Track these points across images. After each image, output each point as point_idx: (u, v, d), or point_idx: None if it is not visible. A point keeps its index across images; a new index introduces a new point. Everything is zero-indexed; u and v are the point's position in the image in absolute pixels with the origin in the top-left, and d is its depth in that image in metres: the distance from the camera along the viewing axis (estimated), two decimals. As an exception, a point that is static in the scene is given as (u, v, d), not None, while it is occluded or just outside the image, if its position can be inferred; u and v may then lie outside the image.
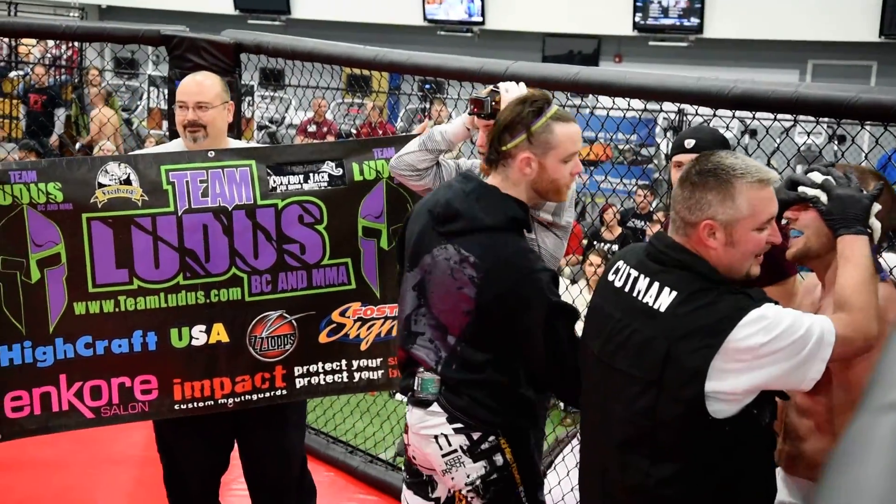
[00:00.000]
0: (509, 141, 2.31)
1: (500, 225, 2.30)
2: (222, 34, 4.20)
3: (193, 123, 3.03)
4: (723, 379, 1.92)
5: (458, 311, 2.31)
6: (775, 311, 1.94)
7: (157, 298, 2.94)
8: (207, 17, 14.15)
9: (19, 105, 11.72)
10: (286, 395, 3.11)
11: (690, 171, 2.03)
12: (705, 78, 2.89)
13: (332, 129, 11.46)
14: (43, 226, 2.88)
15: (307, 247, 3.04)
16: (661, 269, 2.02)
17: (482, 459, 2.33)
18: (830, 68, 13.14)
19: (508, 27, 14.35)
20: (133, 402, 3.00)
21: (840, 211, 2.11)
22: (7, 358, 2.91)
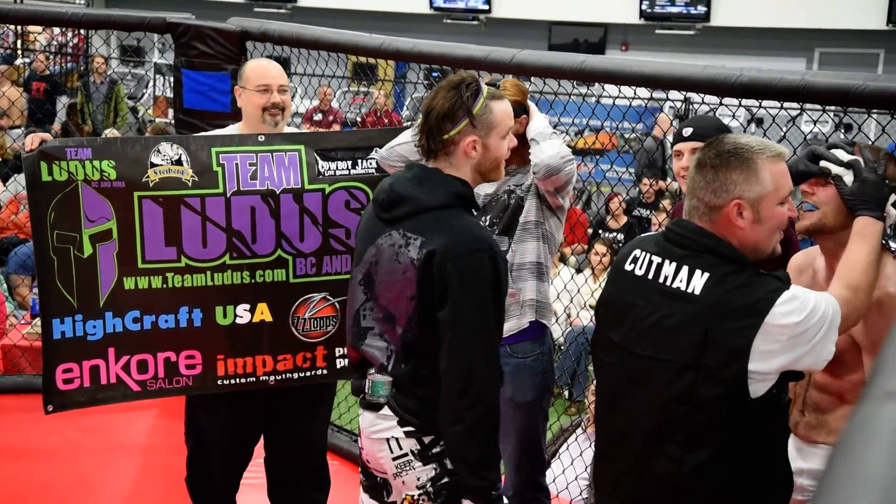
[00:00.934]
0: (451, 128, 2.26)
1: (445, 203, 2.27)
2: (228, 22, 4.20)
3: (277, 105, 3.07)
4: (763, 359, 1.93)
5: (403, 298, 2.26)
6: (803, 292, 1.98)
7: (203, 276, 2.98)
8: (213, 5, 14.13)
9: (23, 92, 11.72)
10: (326, 374, 3.14)
11: (707, 155, 2.04)
12: (712, 66, 2.88)
13: (338, 118, 11.46)
14: (96, 202, 2.93)
15: (352, 231, 3.05)
16: (688, 254, 2.02)
17: (433, 462, 2.28)
18: (837, 56, 13.09)
19: (514, 15, 14.32)
20: (178, 376, 3.05)
21: (863, 194, 2.17)
22: (59, 331, 2.96)
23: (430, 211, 2.26)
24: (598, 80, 3.27)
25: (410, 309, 2.26)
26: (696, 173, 2.05)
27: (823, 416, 2.33)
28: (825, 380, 2.32)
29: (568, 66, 3.18)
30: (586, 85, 3.64)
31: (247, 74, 3.11)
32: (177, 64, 4.16)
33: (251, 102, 3.09)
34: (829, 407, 2.32)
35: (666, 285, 2.03)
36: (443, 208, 2.26)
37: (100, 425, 4.24)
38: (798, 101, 2.73)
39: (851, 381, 2.27)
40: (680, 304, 1.99)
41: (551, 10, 14.08)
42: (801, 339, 1.94)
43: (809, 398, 2.37)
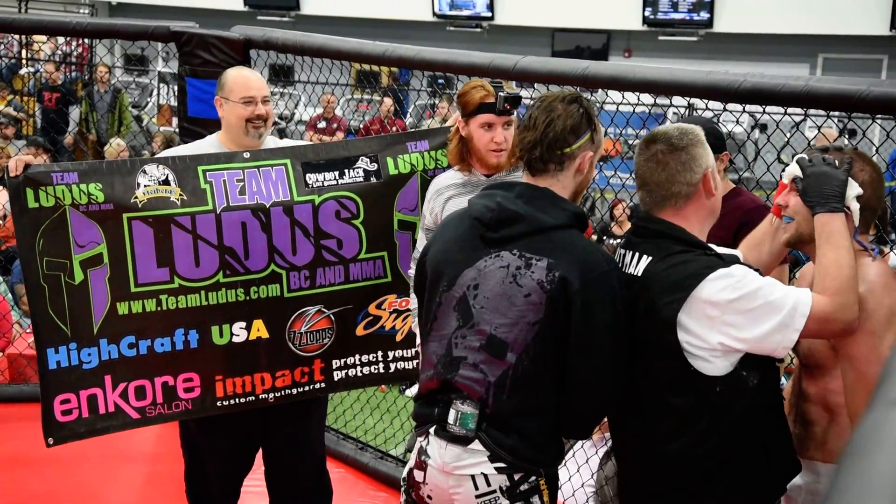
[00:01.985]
0: (575, 142, 2.18)
1: (565, 223, 2.16)
2: (232, 30, 4.21)
3: (260, 117, 3.05)
4: (695, 332, 2.04)
5: (523, 323, 2.11)
6: (743, 272, 2.05)
7: (197, 296, 2.95)
8: (217, 14, 14.18)
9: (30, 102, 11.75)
10: (325, 387, 3.14)
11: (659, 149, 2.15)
12: (715, 72, 2.88)
13: (342, 126, 11.47)
14: (85, 226, 2.90)
15: (344, 241, 3.06)
16: (641, 241, 2.18)
17: (520, 500, 2.14)
18: (841, 62, 13.10)
19: (517, 22, 14.35)
20: (177, 400, 3.02)
21: (815, 188, 2.15)
22: (54, 360, 2.93)
23: (546, 231, 2.14)
24: (602, 87, 3.27)
25: (531, 335, 2.11)
26: (660, 168, 2.15)
27: (812, 429, 2.30)
28: (810, 388, 2.30)
29: (571, 72, 3.18)
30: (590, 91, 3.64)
31: (229, 85, 3.07)
32: (181, 72, 4.17)
33: (235, 114, 3.05)
34: (817, 419, 2.29)
35: (625, 272, 2.18)
36: (560, 228, 2.15)
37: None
38: (802, 106, 2.73)
39: (831, 387, 2.23)
40: (631, 286, 2.14)
41: (554, 16, 14.11)
42: (743, 319, 2.01)
43: (800, 408, 2.34)
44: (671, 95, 3.10)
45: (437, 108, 10.48)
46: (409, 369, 3.28)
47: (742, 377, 2.08)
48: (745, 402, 2.09)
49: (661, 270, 2.10)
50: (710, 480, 2.12)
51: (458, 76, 3.78)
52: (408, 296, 3.17)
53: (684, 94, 3.09)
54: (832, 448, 2.25)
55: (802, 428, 2.32)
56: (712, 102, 2.99)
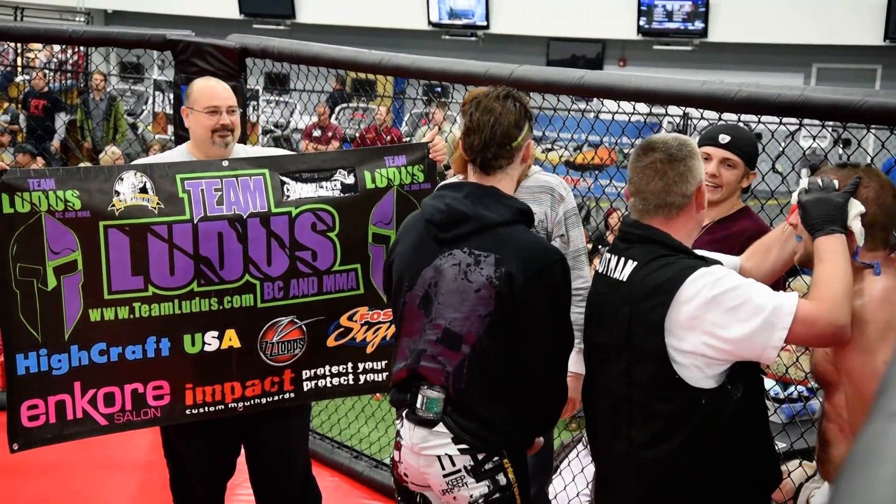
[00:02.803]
0: (518, 135, 2.32)
1: (510, 219, 2.28)
2: (228, 38, 4.21)
3: (226, 127, 3.06)
4: (679, 335, 2.06)
5: (475, 316, 2.25)
6: (724, 272, 2.08)
7: (171, 305, 2.95)
8: (213, 22, 14.18)
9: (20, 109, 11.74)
10: (294, 398, 3.13)
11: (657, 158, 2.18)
12: (710, 81, 2.88)
13: (338, 134, 11.48)
14: (60, 233, 2.87)
15: (319, 253, 3.06)
16: (627, 246, 2.21)
17: (485, 479, 2.29)
18: (835, 72, 13.14)
19: (513, 31, 14.37)
20: (146, 408, 3.01)
21: (814, 215, 2.15)
22: (23, 366, 2.91)
23: (493, 228, 2.27)
24: (598, 96, 3.28)
25: (483, 327, 2.24)
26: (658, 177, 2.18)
27: (830, 450, 2.27)
28: (826, 406, 2.28)
29: (567, 81, 3.18)
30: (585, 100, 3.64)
31: (194, 95, 3.07)
32: (177, 80, 4.17)
33: (199, 124, 3.05)
34: (833, 440, 2.26)
35: (609, 277, 2.22)
36: (506, 224, 2.28)
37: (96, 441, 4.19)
38: (797, 116, 2.73)
39: (840, 405, 2.21)
40: (615, 291, 2.18)
41: (549, 25, 14.14)
42: (725, 318, 2.02)
43: (823, 430, 2.31)
44: (667, 105, 3.11)
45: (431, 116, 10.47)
46: (379, 381, 3.27)
47: (727, 390, 2.09)
48: (730, 414, 2.10)
49: (644, 275, 2.13)
50: (692, 489, 2.13)
51: (454, 85, 3.79)
52: (380, 308, 3.19)
53: (680, 103, 3.09)
54: None
55: (822, 450, 2.30)
56: (707, 112, 3.00)
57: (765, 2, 12.86)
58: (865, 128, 2.73)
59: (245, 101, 4.26)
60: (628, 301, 2.13)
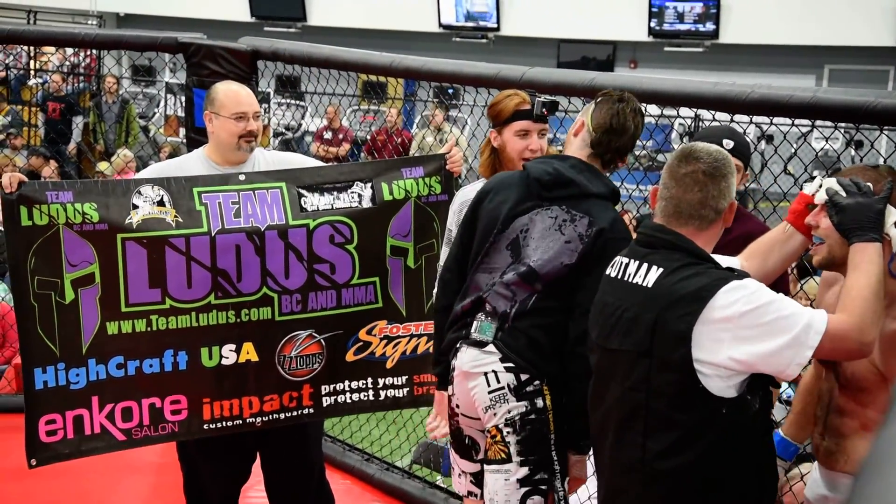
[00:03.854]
0: None
1: (605, 194, 2.56)
2: (239, 41, 4.22)
3: (252, 133, 3.04)
4: (706, 347, 2.03)
5: (558, 263, 2.50)
6: (757, 286, 2.05)
7: (188, 318, 2.93)
8: (224, 25, 14.23)
9: (38, 113, 11.81)
10: (313, 413, 3.11)
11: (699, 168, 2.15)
12: (722, 83, 2.88)
13: (348, 136, 11.49)
14: (78, 245, 2.87)
15: (337, 266, 3.04)
16: (649, 252, 2.17)
17: (525, 399, 2.48)
18: (847, 73, 13.09)
19: (523, 33, 14.37)
20: (163, 422, 3.00)
21: (851, 220, 2.11)
22: (41, 380, 2.90)
23: (589, 197, 2.53)
24: (609, 98, 3.26)
25: (561, 273, 2.50)
26: (697, 187, 2.15)
27: (843, 442, 2.26)
28: (849, 405, 2.26)
29: (578, 83, 3.18)
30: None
31: (220, 100, 3.04)
32: (189, 83, 4.18)
33: (226, 130, 3.02)
34: (850, 433, 2.25)
35: (628, 282, 2.17)
36: (600, 198, 2.55)
37: (111, 444, 4.23)
38: (810, 117, 2.72)
39: (874, 407, 2.20)
40: (637, 297, 2.13)
41: (560, 27, 14.12)
42: (755, 332, 2.00)
43: (830, 422, 2.30)
44: (678, 106, 3.10)
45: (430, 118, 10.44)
46: (399, 397, 3.25)
47: (747, 401, 2.07)
48: (748, 426, 2.09)
49: (673, 283, 2.08)
50: (705, 500, 2.10)
51: (465, 87, 3.79)
52: (398, 322, 3.18)
53: (692, 104, 3.09)
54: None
55: (833, 441, 2.28)
56: (719, 113, 2.99)
57: (776, 3, 12.82)
58: (878, 129, 2.72)
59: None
60: (652, 308, 2.09)
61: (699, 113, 4.60)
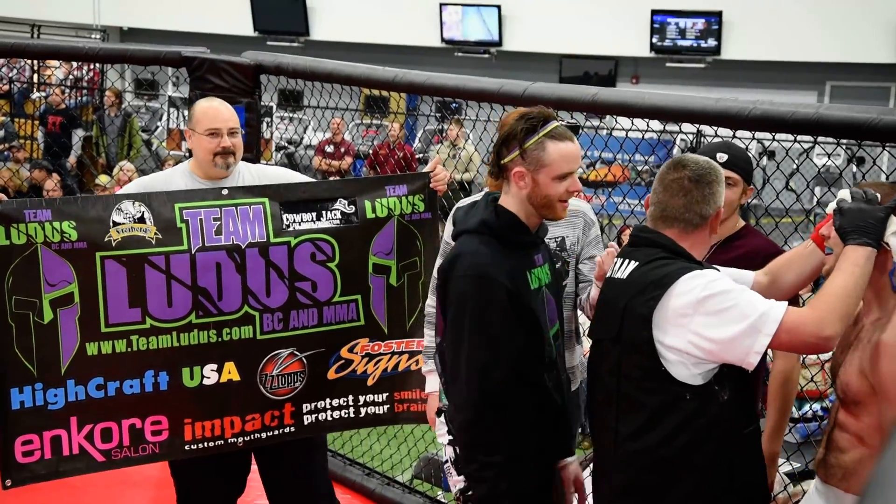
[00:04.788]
0: (506, 155, 2.36)
1: (472, 228, 2.37)
2: (242, 56, 4.23)
3: (227, 150, 3.03)
4: (667, 331, 2.12)
5: (438, 311, 2.44)
6: (717, 276, 2.16)
7: (169, 338, 2.92)
8: (227, 39, 14.27)
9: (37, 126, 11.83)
10: (294, 431, 3.10)
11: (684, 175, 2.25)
12: (725, 99, 2.88)
13: (350, 150, 11.50)
14: (57, 265, 2.84)
15: (319, 284, 3.03)
16: (634, 249, 2.30)
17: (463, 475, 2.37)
18: (848, 90, 13.10)
19: (525, 48, 14.40)
20: (144, 443, 2.98)
21: (849, 223, 2.16)
22: (18, 401, 2.86)
23: (463, 234, 2.39)
24: (611, 113, 3.27)
25: (441, 322, 2.40)
26: (682, 193, 2.25)
27: (841, 456, 2.27)
28: (847, 419, 2.28)
29: (581, 98, 3.18)
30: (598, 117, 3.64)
31: (196, 116, 3.05)
32: (192, 97, 4.19)
33: (201, 146, 3.03)
34: (847, 447, 2.27)
35: (613, 277, 2.31)
36: (469, 233, 2.37)
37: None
38: (812, 133, 2.72)
39: (870, 424, 2.21)
40: (615, 289, 2.28)
41: (562, 43, 14.15)
42: (713, 320, 2.08)
43: (832, 437, 2.32)
44: (681, 122, 3.10)
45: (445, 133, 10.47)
46: (380, 414, 3.25)
47: (714, 391, 2.15)
48: (715, 415, 2.15)
49: (642, 273, 2.22)
50: (671, 483, 2.18)
51: (467, 102, 3.79)
52: (380, 340, 3.18)
53: (694, 120, 3.09)
54: (860, 478, 2.22)
55: (832, 455, 2.31)
56: (721, 129, 2.99)
57: (778, 19, 12.85)
58: (881, 146, 2.72)
59: (259, 118, 4.28)
60: (624, 297, 2.22)
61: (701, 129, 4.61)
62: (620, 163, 6.79)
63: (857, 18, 12.41)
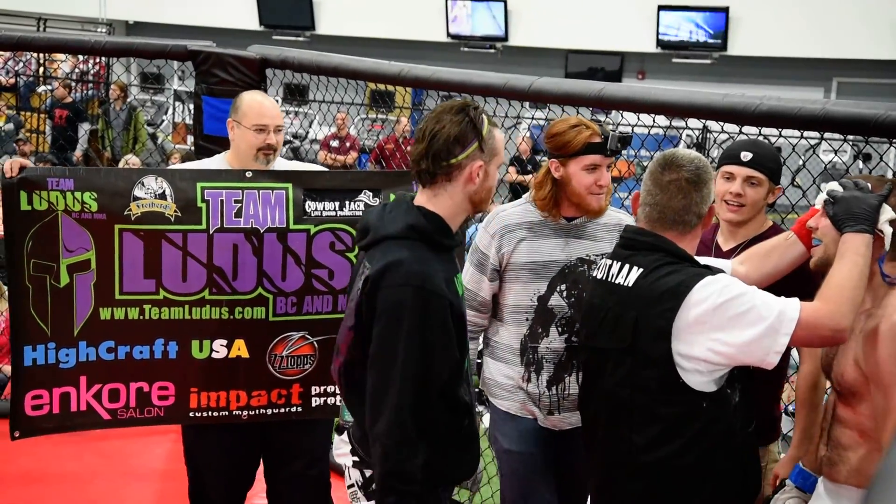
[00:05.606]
0: (461, 152, 2.14)
1: (399, 233, 2.13)
2: (248, 50, 4.23)
3: (271, 147, 3.04)
4: (686, 341, 2.10)
5: (345, 328, 2.23)
6: (731, 280, 2.15)
7: (181, 310, 2.96)
8: (233, 33, 14.28)
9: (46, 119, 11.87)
10: (301, 412, 3.11)
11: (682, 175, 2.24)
12: (731, 94, 2.87)
13: (356, 145, 11.51)
14: (76, 233, 2.90)
15: (336, 272, 3.02)
16: (633, 253, 2.25)
17: (373, 500, 2.15)
18: (855, 86, 13.07)
19: (531, 44, 14.38)
20: (150, 406, 3.03)
21: (844, 211, 2.17)
22: (31, 358, 2.94)
23: (386, 240, 2.14)
24: (618, 108, 3.26)
25: (350, 339, 2.19)
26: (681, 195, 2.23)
27: (845, 453, 2.27)
28: (846, 413, 2.28)
29: (587, 93, 3.17)
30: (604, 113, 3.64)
31: (243, 109, 3.05)
32: (197, 91, 4.19)
33: (245, 140, 3.04)
34: (850, 444, 2.27)
35: (611, 282, 2.25)
36: (396, 238, 2.13)
37: (116, 450, 4.23)
38: (819, 130, 2.71)
39: (866, 414, 2.22)
40: (619, 296, 2.21)
41: (568, 38, 14.14)
42: (731, 323, 2.07)
43: (832, 433, 2.33)
44: (687, 117, 3.10)
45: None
46: None
47: (727, 395, 2.16)
48: (728, 418, 2.16)
49: (652, 281, 2.17)
50: (687, 492, 2.17)
51: (473, 96, 3.79)
52: None
53: (701, 116, 3.08)
54: (867, 474, 2.22)
55: (835, 452, 2.30)
56: (728, 125, 2.99)
57: (784, 16, 12.82)
58: (888, 142, 2.71)
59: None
60: (634, 307, 2.17)
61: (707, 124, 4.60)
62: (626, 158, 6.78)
63: (864, 15, 12.38)
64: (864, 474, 2.24)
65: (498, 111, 3.59)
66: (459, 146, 2.15)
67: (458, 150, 2.15)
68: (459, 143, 2.15)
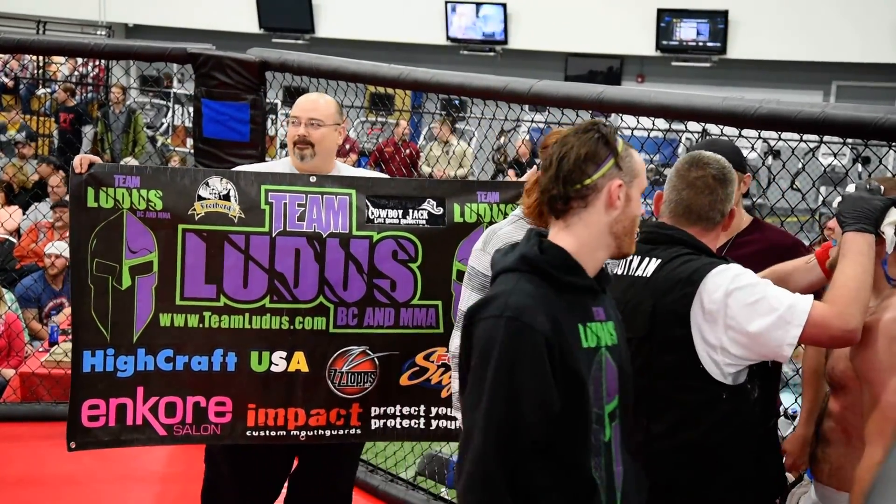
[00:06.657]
0: (595, 171, 1.85)
1: (510, 266, 1.88)
2: (248, 52, 4.23)
3: (303, 139, 2.95)
4: (702, 326, 2.13)
5: None
6: (742, 270, 2.17)
7: (241, 318, 2.90)
8: (233, 36, 14.27)
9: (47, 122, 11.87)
10: (360, 434, 3.03)
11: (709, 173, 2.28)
12: (731, 98, 2.87)
13: (355, 147, 11.50)
14: (139, 232, 2.88)
15: (398, 283, 2.96)
16: (653, 247, 2.28)
17: None
18: (854, 90, 13.07)
19: (531, 47, 14.38)
20: (206, 423, 2.95)
21: (848, 209, 2.19)
22: (89, 364, 2.90)
23: (500, 274, 1.90)
24: (618, 111, 3.26)
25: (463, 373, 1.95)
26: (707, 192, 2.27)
27: (828, 450, 2.31)
28: (832, 405, 2.33)
29: (587, 96, 3.18)
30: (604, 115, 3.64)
31: None
32: (197, 94, 4.19)
33: (288, 134, 3.02)
34: (833, 439, 2.30)
35: (631, 275, 2.28)
36: (506, 272, 1.88)
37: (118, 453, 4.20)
38: (819, 133, 2.72)
39: (851, 408, 2.24)
40: (636, 288, 2.25)
41: (567, 41, 14.14)
42: (745, 311, 2.09)
43: (822, 427, 2.37)
44: (687, 121, 3.10)
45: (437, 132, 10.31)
46: (451, 429, 3.10)
47: (747, 389, 2.19)
48: (747, 413, 2.19)
49: (668, 271, 2.21)
50: (709, 479, 2.20)
51: (472, 99, 3.79)
52: None
53: (700, 119, 3.08)
54: (847, 476, 2.23)
55: (820, 448, 2.34)
56: (728, 128, 2.99)
57: (784, 19, 12.83)
58: (887, 145, 2.71)
59: (265, 115, 4.28)
60: (651, 295, 2.21)
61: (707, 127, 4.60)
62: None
63: (864, 18, 12.39)
64: (844, 475, 2.25)
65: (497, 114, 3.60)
66: (593, 164, 1.86)
67: (591, 168, 1.86)
68: (592, 160, 1.86)
